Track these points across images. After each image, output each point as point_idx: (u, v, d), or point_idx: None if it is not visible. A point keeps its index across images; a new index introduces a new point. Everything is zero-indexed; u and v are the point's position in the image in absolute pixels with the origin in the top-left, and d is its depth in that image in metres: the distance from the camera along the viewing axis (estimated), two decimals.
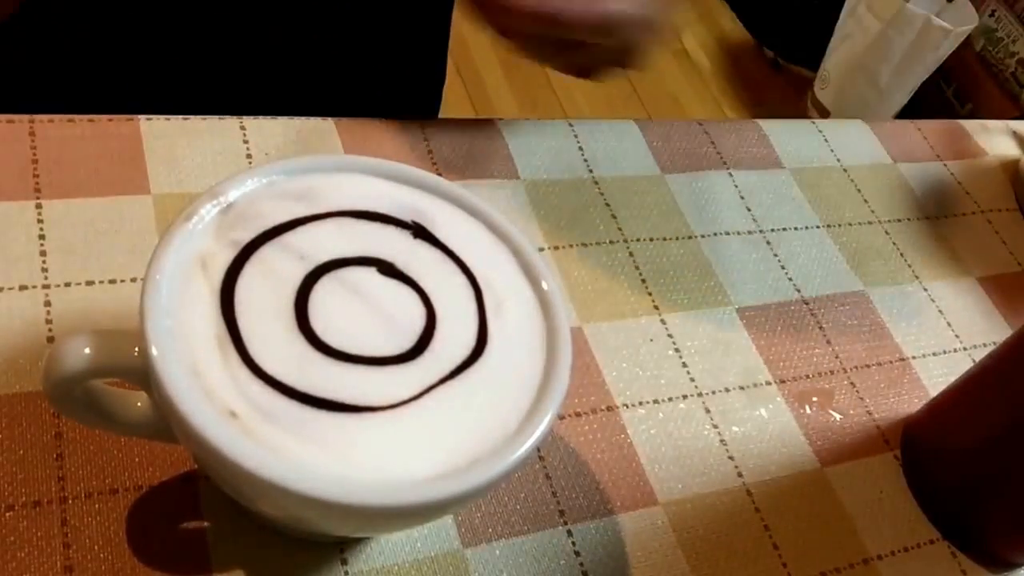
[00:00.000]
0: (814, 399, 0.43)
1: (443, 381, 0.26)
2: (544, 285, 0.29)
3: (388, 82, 0.62)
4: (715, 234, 0.48)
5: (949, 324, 0.49)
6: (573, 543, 0.35)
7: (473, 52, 1.78)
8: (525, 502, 0.35)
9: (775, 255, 0.48)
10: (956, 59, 1.87)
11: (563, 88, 1.82)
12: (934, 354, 0.48)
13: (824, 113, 1.91)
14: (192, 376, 0.24)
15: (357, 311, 0.27)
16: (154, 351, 0.24)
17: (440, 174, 0.42)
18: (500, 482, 0.25)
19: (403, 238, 0.29)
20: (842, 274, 0.49)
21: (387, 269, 0.28)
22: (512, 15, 0.37)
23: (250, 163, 0.41)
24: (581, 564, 0.34)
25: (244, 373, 0.24)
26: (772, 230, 0.49)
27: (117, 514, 0.30)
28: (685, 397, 0.41)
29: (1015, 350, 0.39)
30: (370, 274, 0.27)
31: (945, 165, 0.59)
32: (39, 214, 0.36)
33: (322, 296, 0.26)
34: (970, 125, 0.64)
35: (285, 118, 0.43)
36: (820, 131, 0.57)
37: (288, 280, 0.26)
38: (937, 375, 0.46)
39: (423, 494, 0.24)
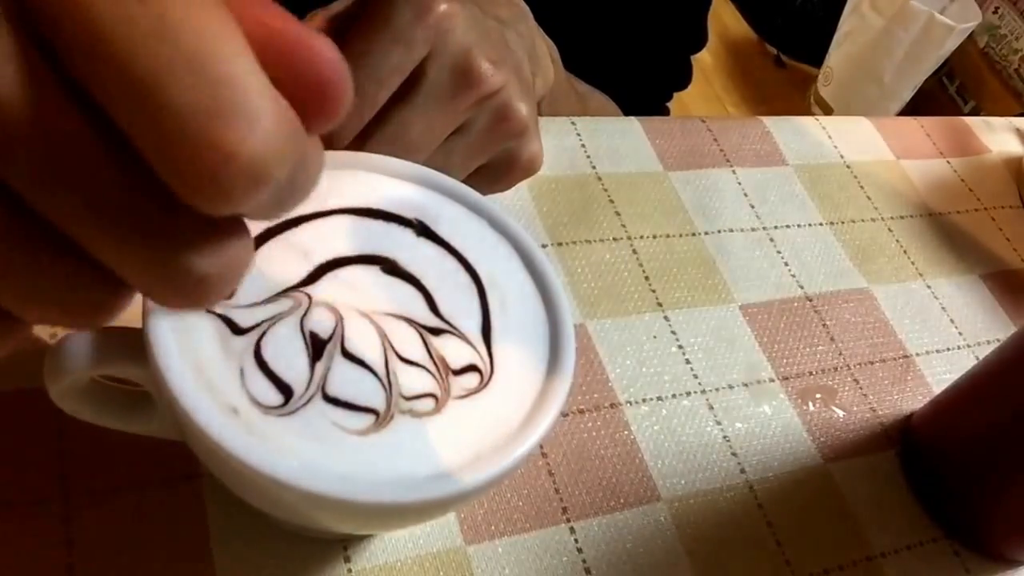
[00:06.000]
0: (817, 396, 0.43)
1: (446, 378, 0.26)
2: (547, 282, 0.29)
3: None
4: (718, 231, 0.48)
5: (952, 321, 0.49)
6: (576, 540, 0.35)
7: None
8: (528, 499, 0.35)
9: (778, 252, 0.48)
10: (959, 56, 1.87)
11: None
12: (937, 351, 0.47)
13: (827, 110, 1.91)
14: (195, 372, 0.24)
15: (359, 312, 0.26)
16: (156, 347, 0.24)
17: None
18: (503, 479, 0.25)
19: (407, 236, 0.29)
20: (845, 271, 0.49)
21: (390, 268, 0.28)
22: None
23: None
24: (584, 561, 0.34)
25: (247, 369, 0.24)
26: (775, 227, 0.49)
27: (119, 512, 0.30)
28: (688, 394, 0.41)
29: (1019, 347, 0.39)
30: (373, 273, 0.27)
31: (948, 162, 0.59)
32: None
33: (324, 296, 0.26)
34: (973, 122, 0.64)
35: None
36: (823, 128, 0.56)
37: (292, 277, 0.26)
38: (941, 372, 0.46)
39: (426, 492, 0.24)
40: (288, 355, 0.25)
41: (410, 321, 0.27)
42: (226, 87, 0.14)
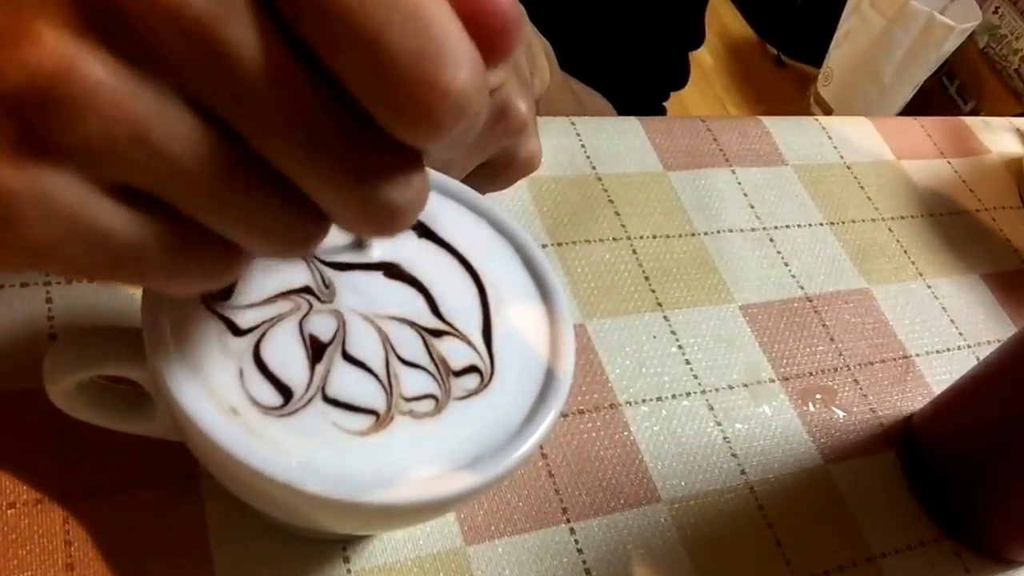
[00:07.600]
0: (817, 396, 0.43)
1: (447, 379, 0.26)
2: (547, 282, 0.29)
3: None
4: (718, 231, 0.48)
5: (953, 321, 0.49)
6: (576, 540, 0.35)
7: None
8: (528, 499, 0.35)
9: (778, 252, 0.48)
10: (959, 56, 1.87)
11: None
12: (938, 352, 0.47)
13: (827, 110, 1.91)
14: (193, 372, 0.24)
15: (359, 314, 0.26)
16: (155, 347, 0.24)
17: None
18: (503, 480, 0.25)
19: (408, 237, 0.29)
20: (845, 271, 0.49)
21: (391, 269, 0.28)
22: None
23: None
24: (584, 561, 0.34)
25: (246, 370, 0.24)
26: (775, 227, 0.49)
27: (119, 512, 0.30)
28: (688, 394, 0.41)
29: (1019, 348, 0.39)
30: (374, 274, 0.27)
31: (949, 162, 0.59)
32: None
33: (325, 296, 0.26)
34: (973, 122, 0.64)
35: None
36: (823, 128, 0.56)
37: (292, 279, 0.26)
38: (941, 373, 0.46)
39: (426, 492, 0.24)
40: (288, 356, 0.25)
41: (411, 322, 0.27)
42: (437, 34, 0.16)
